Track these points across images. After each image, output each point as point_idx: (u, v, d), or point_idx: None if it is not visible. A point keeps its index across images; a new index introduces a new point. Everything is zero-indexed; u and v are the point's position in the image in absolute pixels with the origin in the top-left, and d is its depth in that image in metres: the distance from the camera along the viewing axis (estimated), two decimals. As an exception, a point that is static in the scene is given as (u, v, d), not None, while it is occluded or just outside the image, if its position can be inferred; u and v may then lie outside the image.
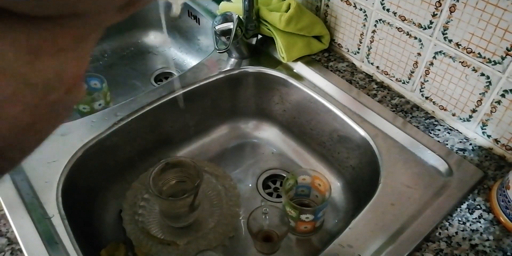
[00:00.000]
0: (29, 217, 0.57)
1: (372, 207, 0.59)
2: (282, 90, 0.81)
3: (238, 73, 0.82)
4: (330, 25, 0.80)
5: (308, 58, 0.81)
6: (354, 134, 0.70)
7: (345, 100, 0.73)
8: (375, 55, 0.75)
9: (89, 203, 0.71)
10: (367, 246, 0.54)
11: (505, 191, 0.55)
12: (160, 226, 0.70)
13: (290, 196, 0.71)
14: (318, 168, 0.80)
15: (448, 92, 0.66)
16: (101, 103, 0.83)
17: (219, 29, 0.76)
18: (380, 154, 0.65)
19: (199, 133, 0.86)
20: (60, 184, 0.62)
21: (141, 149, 0.77)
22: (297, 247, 0.70)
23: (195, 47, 1.05)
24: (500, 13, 0.53)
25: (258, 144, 0.88)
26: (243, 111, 0.88)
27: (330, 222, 0.73)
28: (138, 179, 0.76)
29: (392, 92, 0.75)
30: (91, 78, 0.86)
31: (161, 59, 1.09)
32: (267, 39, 0.83)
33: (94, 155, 0.69)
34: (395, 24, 0.67)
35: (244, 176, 0.81)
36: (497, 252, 0.53)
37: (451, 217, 0.57)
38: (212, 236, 0.69)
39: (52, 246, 0.54)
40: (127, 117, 0.72)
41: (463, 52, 0.60)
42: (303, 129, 0.83)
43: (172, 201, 0.66)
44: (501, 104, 0.60)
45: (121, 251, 0.67)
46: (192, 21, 1.00)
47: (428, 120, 0.70)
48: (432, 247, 0.54)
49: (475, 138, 0.66)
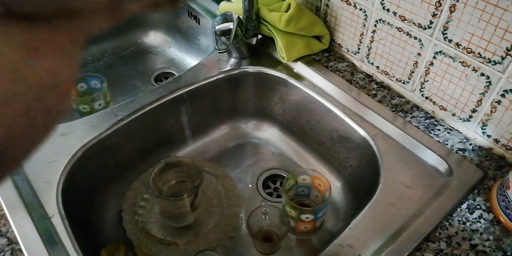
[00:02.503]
0: (29, 217, 0.57)
1: (372, 207, 0.59)
2: (282, 90, 0.81)
3: (238, 73, 0.82)
4: (330, 25, 0.80)
5: (308, 58, 0.81)
6: (354, 134, 0.70)
7: (345, 100, 0.73)
8: (375, 55, 0.75)
9: (89, 203, 0.71)
10: (367, 246, 0.54)
11: (505, 191, 0.55)
12: (160, 226, 0.70)
13: (290, 196, 0.71)
14: (318, 168, 0.80)
15: (448, 92, 0.66)
16: (101, 103, 0.83)
17: (219, 29, 0.76)
18: (380, 154, 0.65)
19: (199, 133, 0.86)
20: (60, 184, 0.62)
21: (141, 149, 0.77)
22: (297, 247, 0.70)
23: (195, 47, 1.05)
24: (500, 13, 0.53)
25: (258, 144, 0.88)
26: (243, 111, 0.88)
27: (330, 222, 0.73)
28: (138, 179, 0.76)
29: (392, 92, 0.75)
30: (91, 78, 0.86)
31: (161, 59, 1.09)
32: (267, 39, 0.83)
33: (94, 155, 0.69)
34: (395, 24, 0.67)
35: (244, 176, 0.81)
36: (497, 252, 0.53)
37: (451, 217, 0.57)
38: (212, 236, 0.69)
39: (52, 246, 0.54)
40: (127, 117, 0.72)
41: (463, 52, 0.60)
42: (303, 129, 0.83)
43: (172, 201, 0.66)
44: (501, 104, 0.60)
45: (121, 251, 0.67)
46: (192, 21, 1.00)
47: (428, 120, 0.70)
48: (432, 247, 0.54)
49: (475, 138, 0.66)
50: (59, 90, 0.23)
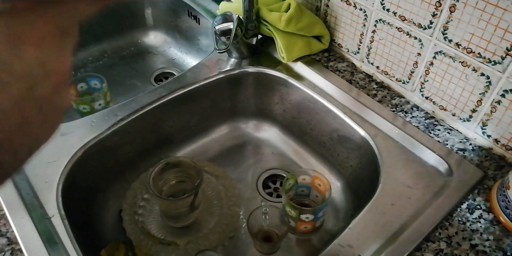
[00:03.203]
0: (29, 217, 0.57)
1: (372, 207, 0.59)
2: (282, 90, 0.81)
3: (238, 73, 0.82)
4: (330, 25, 0.80)
5: (308, 58, 0.81)
6: (354, 134, 0.70)
7: (345, 100, 0.73)
8: (375, 55, 0.75)
9: (89, 203, 0.71)
10: (367, 246, 0.54)
11: (505, 191, 0.55)
12: (160, 226, 0.70)
13: (290, 196, 0.71)
14: (318, 168, 0.80)
15: (448, 92, 0.66)
16: (101, 103, 0.83)
17: (219, 29, 0.76)
18: (380, 154, 0.65)
19: (199, 133, 0.86)
20: (60, 184, 0.62)
21: (141, 149, 0.77)
22: (297, 247, 0.70)
23: (195, 47, 1.05)
24: (500, 13, 0.53)
25: (258, 144, 0.88)
26: (243, 111, 0.88)
27: (330, 222, 0.73)
28: (138, 179, 0.76)
29: (392, 92, 0.75)
30: (91, 78, 0.86)
31: (161, 59, 1.09)
32: (267, 39, 0.83)
33: (94, 155, 0.69)
34: (395, 24, 0.67)
35: (244, 176, 0.81)
36: (497, 252, 0.53)
37: (451, 217, 0.57)
38: (212, 236, 0.69)
39: (52, 246, 0.54)
40: (127, 117, 0.72)
41: (463, 52, 0.60)
42: (303, 129, 0.83)
43: (172, 201, 0.66)
44: (501, 104, 0.60)
45: (121, 251, 0.67)
46: (192, 21, 1.00)
47: (428, 120, 0.70)
48: (432, 247, 0.54)
49: (475, 138, 0.66)
50: (52, 80, 0.22)
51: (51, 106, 0.23)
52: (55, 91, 0.23)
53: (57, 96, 0.23)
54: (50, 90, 0.22)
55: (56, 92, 0.23)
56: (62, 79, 0.23)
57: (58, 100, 0.23)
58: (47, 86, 0.22)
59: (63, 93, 0.23)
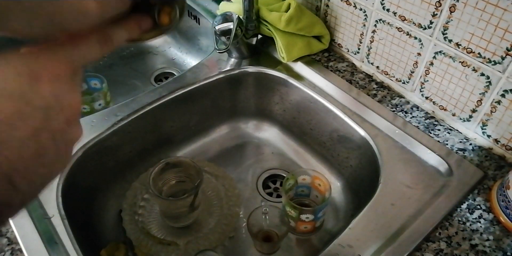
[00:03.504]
0: (29, 217, 0.57)
1: (372, 207, 0.59)
2: (282, 90, 0.81)
3: (238, 73, 0.82)
4: (330, 25, 0.80)
5: (308, 58, 0.81)
6: (354, 134, 0.70)
7: (345, 100, 0.73)
8: (375, 55, 0.75)
9: (89, 203, 0.71)
10: (367, 246, 0.54)
11: (505, 191, 0.55)
12: (160, 226, 0.70)
13: (290, 196, 0.71)
14: (318, 168, 0.80)
15: (448, 92, 0.66)
16: (101, 103, 0.83)
17: (219, 29, 0.76)
18: (380, 154, 0.65)
19: (199, 133, 0.86)
20: (60, 184, 0.62)
21: (141, 149, 0.77)
22: (297, 247, 0.70)
23: (195, 47, 1.05)
24: (500, 13, 0.53)
25: (258, 144, 0.88)
26: (243, 111, 0.88)
27: (330, 222, 0.73)
28: (138, 179, 0.76)
29: (392, 92, 0.75)
30: (91, 78, 0.86)
31: (161, 59, 1.09)
32: (267, 39, 0.83)
33: (94, 155, 0.69)
34: (395, 24, 0.67)
35: (244, 176, 0.81)
36: (497, 252, 0.53)
37: (451, 217, 0.57)
38: (212, 236, 0.69)
39: (52, 246, 0.54)
40: (127, 117, 0.72)
41: (463, 52, 0.60)
42: (303, 129, 0.83)
43: (172, 201, 0.66)
44: (501, 104, 0.60)
45: (121, 251, 0.67)
46: (192, 21, 1.00)
47: (428, 120, 0.70)
48: (432, 247, 0.54)
49: (475, 138, 0.66)
50: (65, 113, 0.25)
51: (63, 138, 0.25)
52: (68, 124, 0.25)
53: (69, 128, 0.25)
54: (63, 123, 0.25)
55: (68, 125, 0.25)
56: (74, 112, 0.25)
57: (70, 133, 0.25)
58: (60, 119, 0.24)
59: (74, 127, 0.26)
